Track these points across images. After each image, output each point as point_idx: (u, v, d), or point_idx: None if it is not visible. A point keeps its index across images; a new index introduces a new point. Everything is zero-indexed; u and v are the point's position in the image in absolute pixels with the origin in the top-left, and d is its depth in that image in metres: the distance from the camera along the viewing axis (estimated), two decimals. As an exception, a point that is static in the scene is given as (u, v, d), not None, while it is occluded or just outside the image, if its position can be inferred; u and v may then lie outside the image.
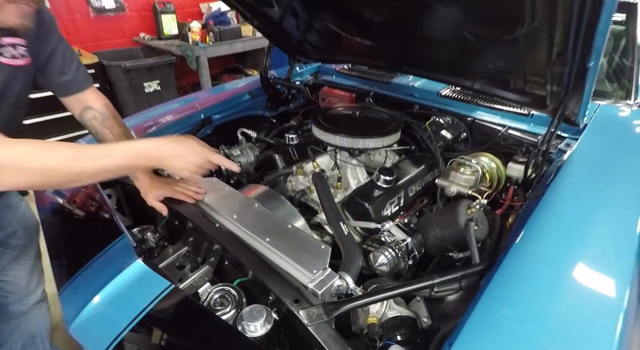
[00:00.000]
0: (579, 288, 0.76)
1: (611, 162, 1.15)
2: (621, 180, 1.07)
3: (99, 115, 1.08)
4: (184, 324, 0.80)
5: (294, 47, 1.82)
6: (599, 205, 0.96)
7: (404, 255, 1.03)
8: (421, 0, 0.92)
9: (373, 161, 1.52)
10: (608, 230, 0.89)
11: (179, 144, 0.86)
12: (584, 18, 0.68)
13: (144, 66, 3.06)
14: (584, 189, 1.02)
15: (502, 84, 1.22)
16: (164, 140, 0.87)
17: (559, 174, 1.08)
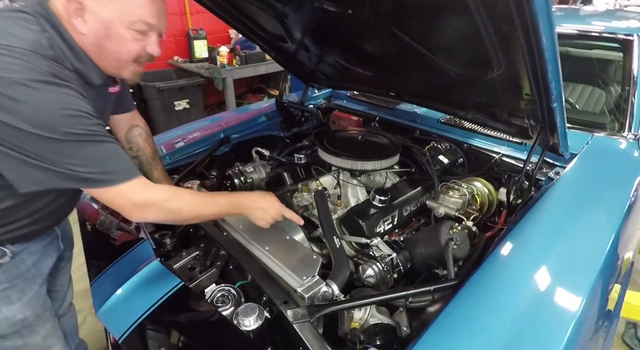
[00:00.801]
0: (535, 300, 0.84)
1: (592, 190, 1.22)
2: (597, 207, 1.14)
3: (144, 132, 1.27)
4: (189, 316, 0.94)
5: (307, 75, 2.00)
6: (570, 229, 1.04)
7: (389, 269, 1.13)
8: (409, 45, 1.06)
9: (373, 181, 1.64)
10: (573, 251, 0.97)
11: (264, 200, 1.07)
12: (536, 68, 0.79)
13: (175, 87, 3.36)
14: (559, 214, 1.10)
15: (490, 115, 1.33)
16: (253, 195, 1.08)
17: (541, 199, 1.17)
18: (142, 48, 0.88)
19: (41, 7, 0.81)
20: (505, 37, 0.76)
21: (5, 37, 0.74)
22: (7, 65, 0.71)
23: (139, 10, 0.83)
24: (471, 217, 1.29)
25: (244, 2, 1.31)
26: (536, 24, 0.63)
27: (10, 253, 0.94)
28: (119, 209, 0.85)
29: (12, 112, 0.70)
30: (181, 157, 1.73)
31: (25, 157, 0.74)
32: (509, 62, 0.86)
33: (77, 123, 0.76)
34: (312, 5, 1.11)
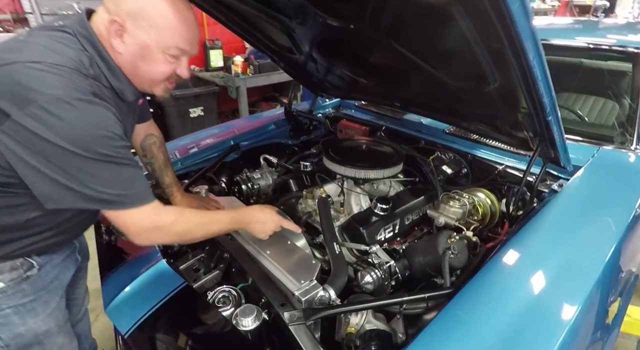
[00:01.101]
0: (529, 308, 0.85)
1: (594, 202, 1.22)
2: (598, 219, 1.14)
3: (158, 141, 1.33)
4: (191, 315, 0.99)
5: (316, 85, 2.05)
6: (569, 239, 1.05)
7: (387, 277, 1.16)
8: (409, 58, 1.09)
9: (377, 190, 1.67)
10: (571, 261, 0.98)
11: (262, 213, 1.12)
12: (528, 83, 0.82)
13: (190, 94, 3.48)
14: (558, 225, 1.11)
15: (492, 126, 1.35)
16: (252, 210, 1.13)
17: (541, 210, 1.18)
18: (173, 70, 0.94)
19: (82, 28, 0.86)
20: (496, 53, 0.79)
21: (50, 55, 0.78)
22: (51, 82, 0.75)
23: (176, 37, 0.88)
24: (471, 227, 1.30)
25: (254, 16, 1.37)
26: (521, 42, 0.66)
27: (37, 265, 0.97)
28: (127, 231, 0.88)
29: (51, 127, 0.73)
30: (192, 162, 1.80)
31: (53, 174, 0.76)
32: (503, 76, 0.89)
33: (108, 144, 0.79)
34: (317, 20, 1.16)
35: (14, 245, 0.92)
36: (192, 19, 0.92)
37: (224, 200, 1.42)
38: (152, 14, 0.84)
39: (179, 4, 0.88)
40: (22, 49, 0.78)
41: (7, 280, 0.93)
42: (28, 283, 0.97)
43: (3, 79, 0.74)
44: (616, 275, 1.10)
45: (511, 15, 0.61)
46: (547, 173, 1.42)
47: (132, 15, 0.84)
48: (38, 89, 0.73)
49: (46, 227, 0.94)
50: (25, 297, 0.97)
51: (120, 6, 0.84)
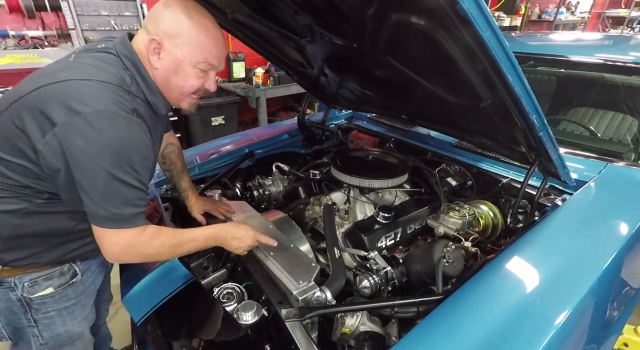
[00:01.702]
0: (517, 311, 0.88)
1: (594, 216, 1.23)
2: (598, 232, 1.15)
3: (176, 149, 1.45)
4: (197, 308, 1.07)
5: (328, 97, 2.14)
6: (565, 249, 1.07)
7: (384, 282, 1.20)
8: (409, 75, 1.16)
9: (382, 199, 1.72)
10: (564, 269, 1.00)
11: (238, 230, 1.14)
12: (515, 101, 0.87)
13: (213, 104, 3.66)
14: (555, 237, 1.12)
15: (494, 140, 1.38)
16: (226, 227, 1.15)
17: (540, 223, 1.20)
18: (202, 84, 1.03)
19: (125, 48, 0.97)
20: (482, 73, 0.84)
21: (97, 73, 0.89)
22: (97, 96, 0.84)
23: (207, 53, 0.98)
24: (470, 238, 1.33)
25: (268, 34, 1.48)
26: (498, 66, 0.71)
27: (79, 272, 1.07)
28: (102, 248, 0.93)
29: (86, 137, 0.81)
30: (209, 168, 1.91)
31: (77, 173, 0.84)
32: (493, 94, 0.94)
33: (132, 163, 0.86)
34: (324, 39, 1.25)
35: (62, 250, 1.01)
36: (220, 38, 1.03)
37: (235, 204, 1.51)
38: (187, 33, 0.96)
39: (210, 25, 0.99)
40: (73, 69, 0.90)
41: (57, 286, 1.04)
42: (72, 288, 1.07)
43: (58, 92, 0.85)
44: (615, 287, 1.10)
45: (485, 42, 0.67)
46: (552, 188, 1.44)
47: (169, 34, 0.96)
48: (85, 102, 0.83)
49: (89, 232, 0.97)
50: (68, 301, 1.07)
51: (160, 27, 0.96)
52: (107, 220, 0.89)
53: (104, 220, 0.89)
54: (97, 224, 0.90)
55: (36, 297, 1.01)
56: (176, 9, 0.96)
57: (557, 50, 2.23)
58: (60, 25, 3.22)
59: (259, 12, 1.30)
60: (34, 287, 1.00)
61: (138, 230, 0.93)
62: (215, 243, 1.11)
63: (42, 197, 0.93)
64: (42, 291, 1.01)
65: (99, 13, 3.29)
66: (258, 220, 1.42)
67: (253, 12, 1.31)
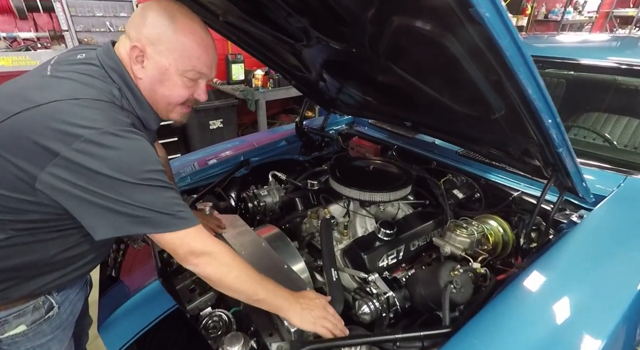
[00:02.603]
0: None
1: (617, 235, 1.12)
2: (622, 254, 1.04)
3: (162, 160, 1.34)
4: (179, 339, 0.98)
5: (328, 102, 2.04)
6: (587, 275, 0.97)
7: (385, 308, 1.10)
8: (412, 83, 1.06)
9: (384, 212, 1.62)
10: (588, 299, 0.90)
11: (324, 311, 0.97)
12: (533, 115, 0.76)
13: (210, 107, 3.57)
14: (575, 259, 1.02)
15: (505, 152, 1.28)
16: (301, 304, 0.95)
17: (557, 243, 1.09)
18: (191, 94, 0.94)
19: (109, 59, 0.87)
20: (496, 84, 0.74)
21: (84, 90, 0.80)
22: (93, 116, 0.76)
23: (195, 61, 0.89)
24: (479, 258, 1.23)
25: (262, 37, 1.39)
26: (516, 78, 0.61)
27: (56, 304, 0.97)
28: (174, 253, 0.85)
29: (99, 158, 0.73)
30: (201, 177, 1.82)
31: (105, 202, 0.76)
32: (507, 106, 0.84)
33: (152, 170, 0.79)
34: (320, 43, 1.15)
35: (39, 282, 0.91)
36: (210, 43, 0.92)
37: (227, 219, 1.41)
38: (171, 38, 0.86)
39: (198, 28, 0.89)
40: (53, 86, 0.79)
41: (30, 323, 0.93)
42: (48, 323, 0.97)
43: (44, 119, 0.74)
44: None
45: (502, 50, 0.57)
46: (567, 202, 1.33)
47: (152, 40, 0.86)
48: (82, 124, 0.74)
49: (70, 261, 0.93)
50: (44, 337, 0.97)
51: (141, 32, 0.86)
52: (161, 226, 0.80)
53: (160, 226, 0.80)
54: (157, 230, 0.81)
55: (6, 337, 0.90)
56: (158, 11, 0.86)
57: (566, 53, 2.11)
58: (53, 27, 3.14)
59: (251, 15, 1.21)
60: (3, 327, 0.89)
61: (201, 231, 0.86)
62: (286, 309, 0.93)
63: (23, 226, 0.83)
64: (13, 330, 0.91)
65: (94, 14, 3.21)
66: (250, 236, 1.32)
67: (245, 14, 1.22)
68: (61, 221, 0.84)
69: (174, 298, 1.06)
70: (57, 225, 0.85)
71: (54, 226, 0.85)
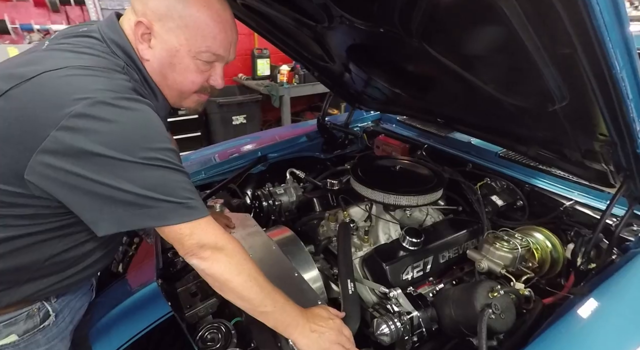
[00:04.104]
0: None
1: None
2: None
3: None
4: None
5: (353, 97, 1.90)
6: None
7: (407, 330, 0.95)
8: (449, 68, 0.90)
9: (411, 218, 1.45)
10: None
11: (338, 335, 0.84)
12: (612, 103, 0.59)
13: (234, 102, 3.52)
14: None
15: (558, 154, 1.09)
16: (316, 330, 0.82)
17: (626, 267, 0.90)
18: (205, 79, 0.83)
19: (112, 31, 0.77)
20: (565, 61, 0.58)
21: (75, 59, 0.69)
22: (84, 84, 0.65)
23: (210, 41, 0.77)
24: (523, 278, 1.04)
25: (281, 21, 1.27)
26: (604, 47, 0.45)
27: (53, 312, 0.87)
28: (180, 244, 0.73)
29: (91, 134, 0.63)
30: (217, 173, 1.73)
31: (102, 190, 0.65)
32: (573, 93, 0.67)
33: (155, 147, 0.67)
34: (344, 23, 1.01)
35: (33, 287, 0.81)
36: (228, 19, 0.79)
37: (237, 218, 1.31)
38: (183, 13, 0.74)
39: (214, 2, 0.76)
40: (44, 59, 0.69)
41: (22, 332, 0.83)
42: (43, 333, 0.86)
43: (33, 95, 0.65)
44: None
45: (590, 7, 0.40)
46: (634, 216, 1.12)
47: (160, 15, 0.74)
48: (70, 96, 0.63)
49: (68, 264, 0.83)
50: (37, 347, 0.87)
51: (147, 5, 0.75)
52: (166, 217, 0.68)
53: (164, 218, 0.68)
54: (161, 223, 0.69)
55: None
56: None
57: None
58: (84, 19, 3.21)
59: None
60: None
61: (212, 223, 0.74)
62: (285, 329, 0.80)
63: (16, 223, 0.73)
64: (3, 340, 0.81)
65: (123, 6, 3.24)
66: (260, 238, 1.21)
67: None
68: (58, 217, 0.74)
69: (172, 304, 0.95)
70: (54, 221, 0.75)
71: (50, 222, 0.75)
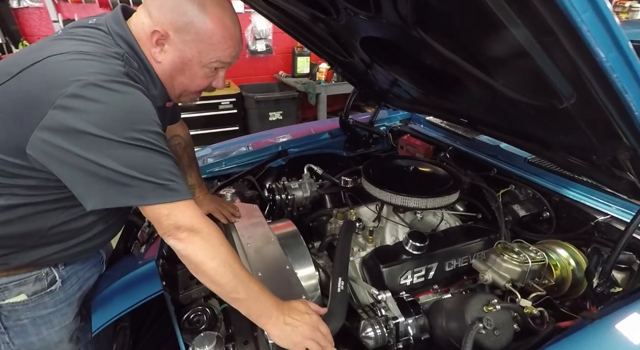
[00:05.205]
0: None
1: None
2: None
3: (183, 142, 1.32)
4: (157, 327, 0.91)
5: (378, 94, 1.85)
6: None
7: (393, 337, 0.90)
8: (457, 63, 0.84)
9: (422, 222, 1.38)
10: None
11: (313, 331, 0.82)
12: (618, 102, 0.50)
13: (271, 99, 3.60)
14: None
15: (586, 160, 0.97)
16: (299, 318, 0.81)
17: None
18: (209, 83, 0.92)
19: (118, 25, 0.82)
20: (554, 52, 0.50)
21: (77, 46, 0.76)
22: (81, 68, 0.71)
23: (219, 52, 0.85)
24: (532, 295, 0.95)
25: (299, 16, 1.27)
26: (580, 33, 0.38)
27: (59, 278, 0.95)
28: (158, 224, 0.76)
29: (81, 113, 0.68)
30: (237, 164, 1.78)
31: (89, 167, 0.69)
32: (577, 88, 0.58)
33: (142, 129, 0.72)
34: (349, 15, 0.99)
35: (39, 253, 0.89)
36: (238, 36, 0.87)
37: (244, 208, 1.34)
38: (199, 30, 0.81)
39: (228, 21, 0.83)
40: (51, 45, 0.77)
41: (30, 293, 0.92)
42: (50, 296, 0.95)
43: (34, 78, 0.72)
44: None
45: None
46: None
47: (177, 27, 0.81)
48: (66, 78, 0.69)
49: (70, 234, 0.90)
50: (45, 309, 0.95)
51: (165, 15, 0.80)
52: (148, 197, 0.72)
53: (146, 198, 0.72)
54: (144, 201, 0.73)
55: (6, 303, 0.91)
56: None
57: None
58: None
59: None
60: (3, 293, 0.90)
61: (193, 206, 0.77)
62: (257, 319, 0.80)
63: (21, 192, 0.81)
64: (13, 298, 0.91)
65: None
66: (262, 229, 1.22)
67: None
68: (59, 189, 0.81)
69: (167, 284, 1.00)
70: (56, 193, 0.83)
71: (51, 194, 0.83)
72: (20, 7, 3.25)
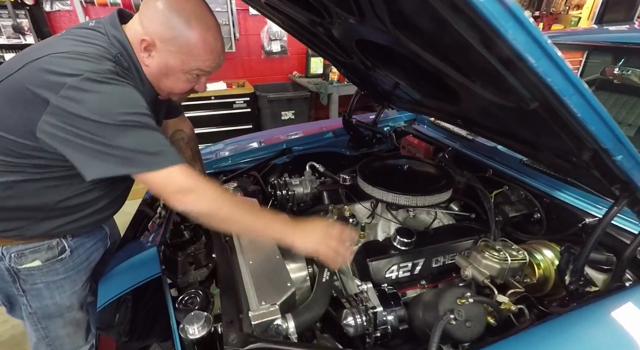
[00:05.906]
0: None
1: None
2: None
3: (186, 136, 1.41)
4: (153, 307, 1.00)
5: (381, 95, 1.89)
6: None
7: (371, 325, 0.95)
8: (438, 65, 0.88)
9: (415, 220, 1.41)
10: None
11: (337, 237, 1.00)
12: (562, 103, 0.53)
13: (283, 98, 3.68)
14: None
15: (569, 162, 0.98)
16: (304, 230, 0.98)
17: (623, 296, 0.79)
18: (192, 87, 1.04)
19: (114, 28, 0.94)
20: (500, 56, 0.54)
21: (77, 46, 0.88)
22: (78, 65, 0.83)
23: (200, 62, 0.96)
24: (510, 291, 0.97)
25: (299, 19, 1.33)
26: (503, 36, 0.41)
27: (68, 248, 1.08)
28: (163, 193, 0.88)
29: (80, 103, 0.80)
30: (242, 160, 1.87)
31: (90, 145, 0.81)
32: (532, 93, 0.61)
33: (132, 112, 0.83)
34: (341, 18, 1.04)
35: (49, 224, 1.02)
36: (219, 49, 0.98)
37: (244, 201, 1.41)
38: (182, 44, 0.92)
39: (209, 36, 0.94)
40: (53, 44, 0.90)
41: (44, 260, 1.06)
42: (61, 263, 1.09)
43: (38, 72, 0.83)
44: None
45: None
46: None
47: (164, 39, 0.92)
48: (67, 73, 0.81)
49: (77, 208, 1.03)
50: (57, 275, 1.09)
51: (155, 27, 0.92)
52: (145, 165, 0.84)
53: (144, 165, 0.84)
54: (141, 170, 0.85)
55: (23, 268, 1.05)
56: (174, 10, 0.90)
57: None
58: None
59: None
60: (20, 259, 1.03)
61: (186, 168, 0.88)
62: (283, 238, 0.96)
63: (32, 170, 0.94)
64: (29, 263, 1.04)
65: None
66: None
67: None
68: (65, 168, 0.93)
69: (166, 268, 1.09)
70: (62, 170, 0.94)
71: (59, 171, 0.95)
72: (52, 10, 3.48)
